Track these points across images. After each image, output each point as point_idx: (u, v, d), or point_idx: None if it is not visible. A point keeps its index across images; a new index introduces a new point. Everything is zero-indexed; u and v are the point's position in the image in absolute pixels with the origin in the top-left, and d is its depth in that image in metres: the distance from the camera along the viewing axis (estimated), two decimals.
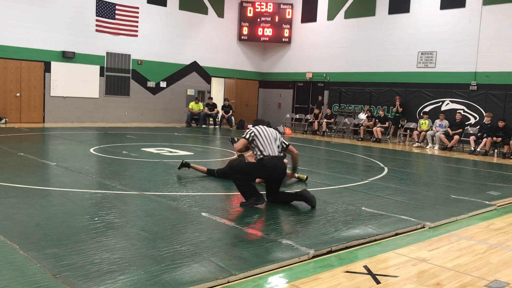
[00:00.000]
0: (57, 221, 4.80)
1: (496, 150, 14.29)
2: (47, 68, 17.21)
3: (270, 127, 6.36)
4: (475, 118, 16.23)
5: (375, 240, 4.78)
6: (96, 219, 4.92)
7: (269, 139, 6.05)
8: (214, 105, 20.43)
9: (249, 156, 7.31)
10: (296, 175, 7.69)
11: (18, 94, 16.72)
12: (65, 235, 4.33)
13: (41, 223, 4.70)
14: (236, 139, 7.17)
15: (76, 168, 7.98)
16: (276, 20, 22.24)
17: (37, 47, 16.85)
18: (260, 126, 6.21)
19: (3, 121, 16.20)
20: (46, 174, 7.76)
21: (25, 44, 16.59)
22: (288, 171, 6.75)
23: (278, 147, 6.15)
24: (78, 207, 5.46)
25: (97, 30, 18.16)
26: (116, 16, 18.58)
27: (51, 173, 7.81)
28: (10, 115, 16.62)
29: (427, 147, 15.64)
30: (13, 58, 16.43)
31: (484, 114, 15.28)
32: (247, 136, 6.08)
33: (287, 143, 6.40)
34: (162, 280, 3.42)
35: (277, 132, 6.33)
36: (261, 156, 5.95)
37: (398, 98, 17.69)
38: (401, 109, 17.54)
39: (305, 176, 7.93)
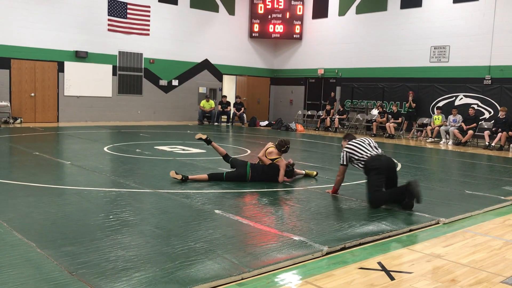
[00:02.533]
0: (72, 219, 4.86)
1: (511, 145, 14.11)
2: (61, 68, 17.39)
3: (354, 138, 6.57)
4: (490, 112, 16.03)
5: (389, 237, 4.76)
6: (111, 217, 4.98)
7: (364, 149, 6.22)
8: (228, 103, 20.47)
9: (262, 156, 7.31)
10: (304, 171, 7.75)
11: (32, 94, 16.93)
12: (81, 233, 4.39)
13: (57, 222, 4.76)
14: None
15: (91, 166, 8.06)
16: (287, 16, 22.17)
17: (50, 47, 17.03)
18: (352, 141, 6.36)
19: (19, 121, 16.42)
20: (61, 173, 7.86)
21: (39, 44, 16.78)
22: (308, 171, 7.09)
23: (376, 147, 6.30)
24: (93, 205, 5.52)
25: (109, 30, 18.29)
26: (128, 15, 18.69)
27: (66, 172, 7.90)
28: (25, 115, 16.83)
29: (441, 142, 15.50)
30: (27, 59, 16.63)
31: (499, 108, 15.09)
32: (344, 162, 6.25)
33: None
34: (177, 277, 3.44)
35: (368, 138, 6.47)
36: (364, 164, 6.08)
37: (411, 93, 17.55)
38: (414, 104, 17.40)
39: (315, 172, 7.93)
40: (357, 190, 6.93)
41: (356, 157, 6.20)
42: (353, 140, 6.39)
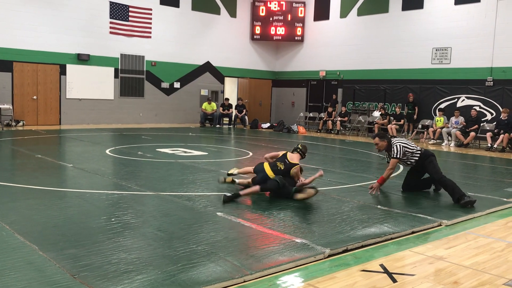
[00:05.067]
0: (74, 222, 4.86)
1: None
2: (63, 71, 17.42)
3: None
4: (492, 114, 16.01)
5: (392, 239, 4.75)
6: (113, 219, 4.98)
7: (412, 143, 6.99)
8: (230, 106, 20.49)
9: (270, 158, 6.95)
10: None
11: (34, 97, 16.96)
12: (83, 236, 4.39)
13: (59, 224, 4.77)
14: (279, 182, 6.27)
15: (93, 169, 8.07)
16: (289, 18, 22.19)
17: (52, 50, 17.07)
18: (398, 139, 6.97)
19: (21, 123, 16.45)
20: (63, 175, 7.87)
21: (41, 47, 16.81)
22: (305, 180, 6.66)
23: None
24: (95, 208, 5.53)
25: (111, 32, 18.33)
26: (130, 18, 18.73)
27: (68, 174, 7.91)
28: (27, 118, 16.86)
29: (443, 144, 15.48)
30: (30, 62, 16.67)
31: (501, 110, 15.06)
32: (398, 155, 6.74)
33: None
34: (179, 279, 3.44)
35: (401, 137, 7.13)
36: (419, 155, 6.82)
37: (410, 95, 17.58)
38: (416, 107, 17.38)
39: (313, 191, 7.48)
40: (359, 192, 6.92)
41: (411, 150, 6.82)
42: (398, 139, 7.03)
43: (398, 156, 6.71)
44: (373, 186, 6.81)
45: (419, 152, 6.82)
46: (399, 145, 6.75)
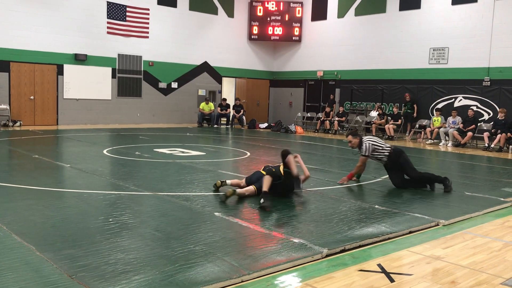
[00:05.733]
0: (72, 222, 4.85)
1: (510, 146, 14.12)
2: (60, 71, 17.40)
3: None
4: (489, 114, 16.05)
5: (389, 239, 4.76)
6: (110, 220, 4.97)
7: (382, 141, 7.35)
8: (228, 106, 20.49)
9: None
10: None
11: (32, 97, 16.93)
12: (80, 236, 4.38)
13: (56, 225, 4.76)
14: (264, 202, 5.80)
15: (90, 169, 8.06)
16: (286, 19, 22.20)
17: (49, 50, 17.04)
18: (368, 137, 7.31)
19: (18, 124, 16.41)
20: (60, 176, 7.85)
21: (38, 47, 16.78)
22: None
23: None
24: (92, 208, 5.52)
25: (108, 32, 18.31)
26: (127, 18, 18.71)
27: (65, 175, 7.90)
28: (25, 118, 16.82)
29: (440, 144, 15.51)
30: (27, 62, 16.64)
31: (498, 109, 15.10)
32: (367, 153, 7.10)
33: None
34: (177, 280, 3.44)
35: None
36: (389, 152, 7.13)
37: (407, 95, 17.62)
38: (415, 105, 17.42)
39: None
40: (356, 192, 6.93)
41: (380, 147, 7.14)
42: (368, 136, 7.47)
43: (367, 154, 7.13)
44: (343, 179, 7.43)
45: (389, 149, 7.16)
46: (368, 143, 7.14)
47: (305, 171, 6.72)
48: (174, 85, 20.48)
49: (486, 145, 14.34)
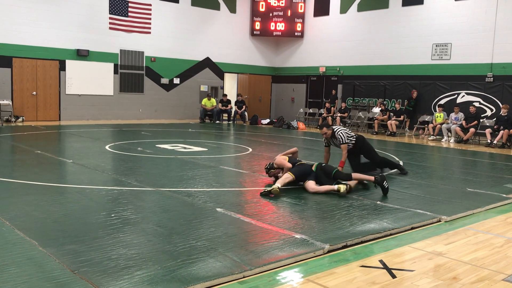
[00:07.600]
0: (74, 218, 4.86)
1: None
2: (62, 67, 17.40)
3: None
4: (492, 110, 16.00)
5: (391, 234, 4.76)
6: (112, 215, 4.98)
7: (346, 129, 8.06)
8: (229, 101, 20.48)
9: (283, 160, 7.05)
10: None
11: (34, 93, 16.94)
12: (83, 232, 4.39)
13: (59, 220, 4.77)
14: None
15: (92, 165, 8.08)
16: (289, 14, 22.14)
17: (52, 45, 17.04)
18: (339, 128, 7.94)
19: (20, 119, 16.44)
20: (63, 171, 7.87)
21: (40, 43, 16.79)
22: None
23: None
24: (95, 204, 5.53)
25: (110, 28, 18.29)
26: (129, 14, 18.69)
27: (67, 170, 7.91)
28: (27, 114, 16.85)
29: (443, 140, 15.48)
30: (29, 57, 16.65)
31: (501, 106, 15.05)
32: (346, 140, 7.74)
33: None
34: (179, 275, 3.45)
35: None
36: (355, 140, 7.86)
37: (414, 91, 17.59)
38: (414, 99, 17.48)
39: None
40: (358, 188, 6.92)
41: (350, 136, 7.85)
42: (337, 126, 8.14)
43: (346, 141, 7.77)
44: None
45: (355, 137, 7.97)
46: (342, 132, 7.81)
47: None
48: (176, 80, 20.47)
49: (489, 141, 14.30)
